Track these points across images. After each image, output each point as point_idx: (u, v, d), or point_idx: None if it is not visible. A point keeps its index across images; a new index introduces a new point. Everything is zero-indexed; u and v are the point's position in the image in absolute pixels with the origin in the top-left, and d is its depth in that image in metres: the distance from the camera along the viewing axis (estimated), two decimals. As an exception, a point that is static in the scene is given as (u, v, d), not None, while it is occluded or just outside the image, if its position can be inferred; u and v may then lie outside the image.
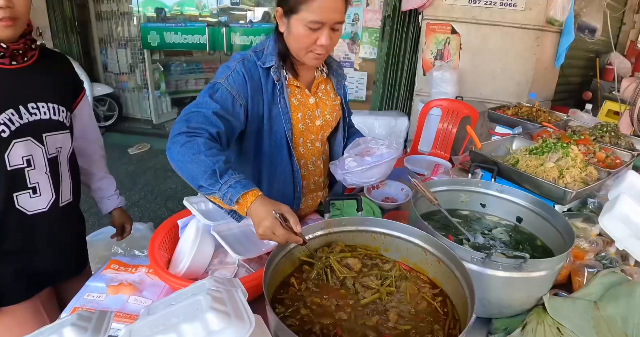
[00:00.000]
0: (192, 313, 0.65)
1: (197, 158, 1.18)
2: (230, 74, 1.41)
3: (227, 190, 1.13)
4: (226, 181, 1.14)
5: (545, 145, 1.70)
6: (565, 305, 1.32)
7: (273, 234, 1.09)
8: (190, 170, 1.18)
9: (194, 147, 1.20)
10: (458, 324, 1.06)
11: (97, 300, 1.33)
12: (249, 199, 1.14)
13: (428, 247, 1.21)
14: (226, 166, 1.17)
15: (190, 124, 1.27)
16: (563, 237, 1.40)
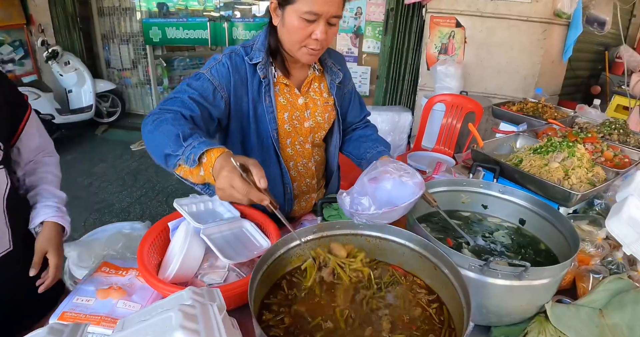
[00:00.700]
0: (161, 331, 0.61)
1: (163, 129, 1.13)
2: (215, 66, 1.36)
3: (190, 151, 1.05)
4: (190, 143, 1.07)
5: (550, 144, 1.64)
6: (569, 313, 1.27)
7: (232, 187, 0.95)
8: (156, 141, 1.12)
9: (162, 121, 1.16)
10: (454, 335, 1.01)
11: (86, 304, 1.30)
12: (213, 155, 1.03)
13: (424, 252, 1.16)
14: (191, 131, 1.11)
15: (164, 107, 1.23)
16: (568, 241, 1.34)
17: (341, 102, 1.65)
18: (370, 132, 1.71)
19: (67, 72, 5.79)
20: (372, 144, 1.60)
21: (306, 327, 1.02)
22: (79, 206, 4.07)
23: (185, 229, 1.31)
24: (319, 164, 1.67)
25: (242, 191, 0.95)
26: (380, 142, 1.62)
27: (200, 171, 1.06)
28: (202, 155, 1.04)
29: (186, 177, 1.15)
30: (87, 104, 5.92)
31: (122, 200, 4.19)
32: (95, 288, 1.35)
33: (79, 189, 4.40)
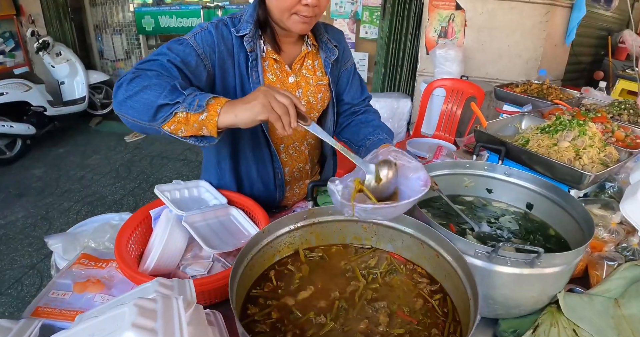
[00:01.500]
0: (110, 330, 0.51)
1: (148, 84, 1.03)
2: (200, 33, 1.23)
3: (194, 98, 0.99)
4: (191, 92, 1.01)
5: (560, 122, 1.53)
6: (582, 303, 1.18)
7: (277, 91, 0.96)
8: (143, 98, 1.02)
9: (143, 78, 1.05)
10: (459, 328, 0.91)
11: (62, 298, 1.23)
12: (221, 99, 1.00)
13: (425, 239, 1.06)
14: (186, 84, 1.05)
15: (141, 67, 1.12)
16: (580, 226, 1.24)
17: (337, 81, 1.52)
18: (371, 117, 1.57)
19: (59, 64, 5.66)
20: (372, 130, 1.47)
21: (295, 321, 0.92)
22: (71, 198, 3.98)
23: (166, 217, 1.21)
24: (313, 148, 1.56)
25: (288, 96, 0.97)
26: (382, 129, 1.48)
27: (202, 115, 0.99)
28: (210, 100, 1.00)
29: (176, 131, 1.05)
30: (80, 95, 5.79)
31: (115, 192, 4.10)
32: (72, 281, 1.27)
33: (72, 181, 4.31)
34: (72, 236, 1.92)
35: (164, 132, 1.05)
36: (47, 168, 4.61)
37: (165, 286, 0.66)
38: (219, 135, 1.03)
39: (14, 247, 3.25)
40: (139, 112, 1.03)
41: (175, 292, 0.65)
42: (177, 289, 0.66)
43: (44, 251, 3.17)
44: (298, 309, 0.95)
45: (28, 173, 4.47)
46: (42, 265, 3.06)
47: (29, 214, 3.73)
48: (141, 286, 0.70)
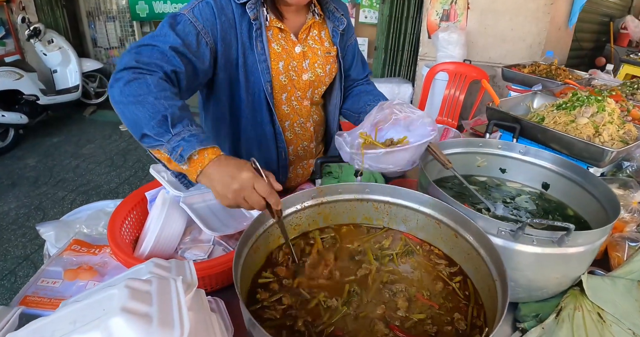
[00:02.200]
0: (94, 316, 0.44)
1: (143, 100, 0.93)
2: (197, 5, 1.14)
3: (179, 143, 0.89)
4: (179, 132, 0.90)
5: (577, 98, 1.45)
6: (604, 285, 1.12)
7: (252, 189, 0.85)
8: (134, 114, 0.93)
9: (142, 86, 0.95)
10: (482, 312, 0.84)
11: (52, 287, 1.17)
12: (207, 157, 0.89)
13: (443, 218, 0.98)
14: (182, 114, 0.93)
15: (141, 59, 1.02)
16: (602, 205, 1.18)
17: (344, 55, 1.44)
18: (371, 87, 1.51)
19: (51, 51, 5.52)
20: (373, 98, 1.40)
21: (306, 307, 0.85)
22: (65, 188, 3.89)
23: (162, 199, 1.13)
24: (318, 125, 1.48)
25: (265, 192, 0.86)
26: (382, 98, 1.42)
27: (183, 166, 0.91)
28: (194, 154, 0.89)
29: (161, 160, 0.98)
30: (73, 84, 5.66)
31: (110, 181, 4.01)
32: (62, 269, 1.21)
33: (66, 171, 4.21)
34: (65, 223, 1.83)
35: (149, 152, 0.99)
36: (41, 158, 4.51)
37: (162, 267, 0.58)
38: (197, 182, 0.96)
39: (7, 238, 3.17)
40: (128, 124, 0.97)
41: (173, 273, 0.58)
42: (175, 271, 0.59)
43: (38, 242, 3.09)
44: (308, 294, 0.87)
45: (21, 163, 4.37)
46: (35, 256, 2.98)
47: (22, 204, 3.64)
48: (134, 268, 0.62)
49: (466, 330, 0.81)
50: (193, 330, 0.49)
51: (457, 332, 0.81)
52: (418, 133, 1.00)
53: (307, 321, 0.80)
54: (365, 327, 0.81)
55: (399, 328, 0.80)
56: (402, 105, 1.03)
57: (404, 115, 1.01)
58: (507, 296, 0.71)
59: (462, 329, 0.81)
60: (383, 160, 0.93)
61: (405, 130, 1.01)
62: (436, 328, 0.81)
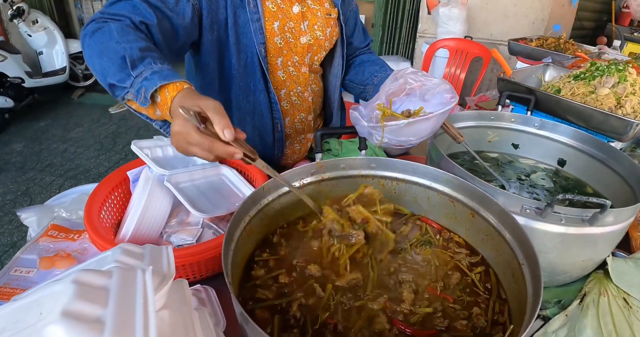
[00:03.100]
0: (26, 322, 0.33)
1: (105, 48, 0.84)
2: None
3: (141, 84, 0.79)
4: (140, 72, 0.80)
5: (596, 68, 1.34)
6: (628, 268, 1.03)
7: (189, 144, 0.72)
8: (99, 65, 0.84)
9: (104, 34, 0.86)
10: (506, 307, 0.74)
11: (25, 276, 1.07)
12: (168, 94, 0.77)
13: (458, 195, 0.88)
14: (143, 54, 0.82)
15: (108, 10, 0.92)
16: (626, 181, 1.08)
17: (346, 19, 1.32)
18: (374, 57, 1.40)
19: (36, 32, 5.31)
20: (379, 68, 1.29)
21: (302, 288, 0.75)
22: (53, 173, 3.76)
23: (145, 177, 1.01)
24: (317, 95, 1.36)
25: (204, 146, 0.71)
26: (388, 67, 1.31)
27: (157, 112, 0.81)
28: (155, 93, 0.78)
29: (139, 111, 0.88)
30: (60, 66, 5.47)
31: (99, 165, 3.88)
32: (38, 256, 1.10)
33: (54, 155, 4.07)
34: (47, 208, 1.71)
35: (128, 107, 0.88)
36: (28, 142, 4.35)
37: (131, 254, 0.47)
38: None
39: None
40: (97, 77, 0.87)
41: (145, 262, 0.47)
42: (149, 258, 0.48)
43: (25, 228, 2.97)
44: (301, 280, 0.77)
45: (7, 148, 4.22)
46: (22, 243, 2.87)
47: (9, 190, 3.51)
48: (101, 255, 0.51)
49: (485, 328, 0.71)
50: (167, 334, 0.39)
51: (474, 329, 0.71)
52: (435, 102, 0.90)
53: (302, 305, 0.71)
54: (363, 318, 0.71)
55: (402, 322, 0.70)
56: (417, 74, 0.92)
57: (419, 84, 0.91)
58: (540, 281, 0.62)
59: (481, 326, 0.71)
60: (404, 132, 0.84)
61: (420, 101, 0.91)
62: (447, 322, 0.71)
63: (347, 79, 1.38)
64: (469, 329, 0.70)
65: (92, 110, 5.16)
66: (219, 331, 0.61)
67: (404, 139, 0.85)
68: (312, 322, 0.69)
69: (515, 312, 0.72)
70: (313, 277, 0.78)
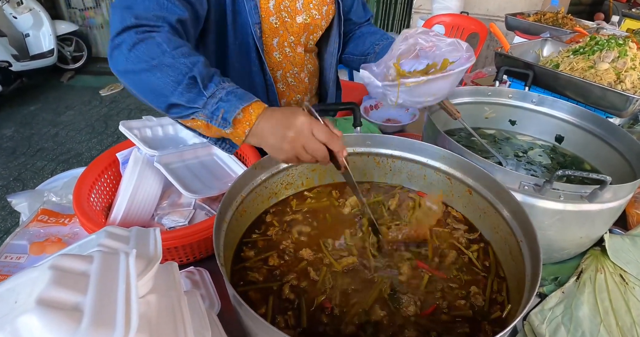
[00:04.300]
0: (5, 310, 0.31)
1: (159, 63, 0.76)
2: None
3: (217, 105, 0.74)
4: (214, 93, 0.74)
5: (596, 42, 1.31)
6: (625, 245, 1.03)
7: (311, 134, 0.71)
8: (152, 82, 0.77)
9: (151, 47, 0.78)
10: (505, 285, 0.73)
11: (16, 262, 1.05)
12: (253, 113, 0.74)
13: (455, 172, 0.86)
14: (209, 71, 0.77)
15: (137, 13, 0.82)
16: (625, 157, 1.07)
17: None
18: (374, 28, 1.34)
19: (21, 14, 5.17)
20: (380, 36, 1.24)
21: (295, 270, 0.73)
22: (45, 157, 3.71)
23: (135, 159, 0.99)
24: (312, 75, 1.32)
25: (325, 136, 0.71)
26: (389, 37, 1.25)
27: (227, 129, 0.75)
28: (238, 113, 0.74)
29: (196, 128, 0.82)
30: (47, 48, 5.34)
31: (92, 148, 3.83)
32: (28, 242, 1.08)
33: (45, 140, 4.01)
34: (38, 193, 1.68)
35: (179, 123, 0.83)
36: (18, 127, 4.28)
37: (116, 237, 0.45)
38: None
39: (-15, 210, 3.03)
40: (146, 95, 0.80)
41: (130, 245, 0.45)
42: (134, 241, 0.46)
43: (18, 214, 2.94)
44: (295, 260, 0.76)
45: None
46: (16, 229, 2.85)
47: (0, 176, 3.47)
48: (86, 238, 0.49)
49: (484, 307, 0.70)
50: (154, 319, 0.37)
51: (473, 308, 0.70)
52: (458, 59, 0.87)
53: (294, 288, 0.69)
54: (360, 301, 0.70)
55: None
56: (428, 34, 0.88)
57: (430, 45, 0.87)
58: (539, 259, 0.60)
59: (478, 305, 0.70)
60: (421, 91, 0.80)
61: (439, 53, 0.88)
62: (447, 303, 0.70)
63: (347, 53, 1.33)
64: (467, 308, 0.69)
65: (82, 93, 5.06)
66: (212, 314, 0.60)
67: (420, 99, 0.82)
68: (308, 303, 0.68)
69: (513, 289, 0.71)
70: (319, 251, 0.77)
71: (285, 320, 0.65)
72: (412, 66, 0.88)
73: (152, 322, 0.37)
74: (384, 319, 0.66)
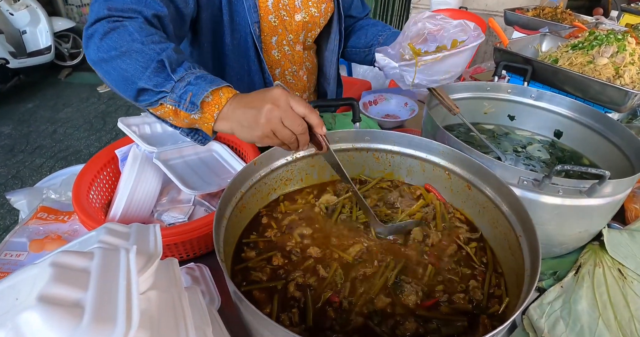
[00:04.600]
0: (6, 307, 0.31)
1: (128, 49, 0.76)
2: None
3: (185, 89, 0.73)
4: (183, 77, 0.74)
5: (595, 37, 1.31)
6: (623, 240, 1.03)
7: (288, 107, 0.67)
8: (121, 69, 0.76)
9: (122, 35, 0.78)
10: (502, 281, 0.74)
11: (16, 260, 1.06)
12: (222, 96, 0.73)
13: (454, 167, 0.86)
14: (179, 56, 0.76)
15: (113, 5, 0.82)
16: (624, 152, 1.07)
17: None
18: (373, 20, 1.33)
19: (18, 10, 5.14)
20: (381, 28, 1.24)
21: (300, 268, 0.73)
22: (43, 155, 3.70)
23: (133, 155, 0.99)
24: (311, 73, 1.31)
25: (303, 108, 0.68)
26: (390, 28, 1.26)
27: (195, 115, 0.74)
28: (207, 96, 0.72)
29: (164, 117, 0.80)
30: (44, 45, 5.32)
31: (90, 145, 3.82)
32: (28, 239, 1.09)
33: (43, 137, 4.00)
34: (37, 190, 1.69)
35: (150, 112, 0.81)
36: (16, 125, 4.26)
37: (116, 234, 0.45)
38: (214, 134, 0.78)
39: (-16, 209, 3.03)
40: (117, 84, 0.78)
41: (130, 241, 0.45)
42: (135, 238, 0.46)
43: (17, 212, 2.93)
44: (298, 258, 0.76)
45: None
46: (15, 227, 2.84)
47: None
48: (85, 235, 0.49)
49: (482, 301, 0.70)
50: (155, 315, 0.37)
51: (471, 302, 0.70)
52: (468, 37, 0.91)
53: (299, 285, 0.70)
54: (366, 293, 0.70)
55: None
56: (435, 18, 0.90)
57: (438, 28, 0.88)
58: (538, 254, 0.60)
59: (477, 299, 0.70)
60: (437, 68, 0.82)
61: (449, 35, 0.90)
62: (447, 296, 0.70)
63: (349, 46, 1.32)
64: (466, 302, 0.69)
65: (80, 89, 5.05)
66: (212, 310, 0.60)
67: (436, 78, 0.83)
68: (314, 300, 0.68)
69: (511, 284, 0.71)
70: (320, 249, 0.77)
71: (290, 317, 0.65)
72: (423, 50, 0.89)
73: (153, 319, 0.37)
74: (388, 308, 0.67)
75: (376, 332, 0.63)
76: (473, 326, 0.65)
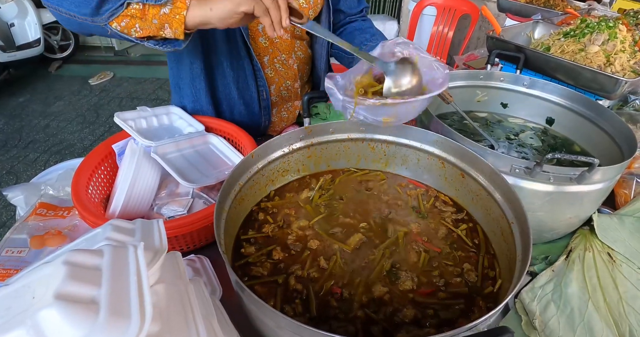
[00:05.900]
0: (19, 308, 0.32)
1: None
2: None
3: None
4: None
5: (586, 25, 1.32)
6: (613, 224, 1.06)
7: None
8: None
9: None
10: (495, 262, 0.76)
11: (17, 257, 1.06)
12: None
13: (448, 156, 0.88)
14: None
15: None
16: (614, 139, 1.09)
17: None
18: (367, 25, 1.34)
19: (5, 3, 5.06)
20: (370, 37, 1.24)
21: (296, 261, 0.75)
22: (37, 149, 3.68)
23: (131, 150, 1.00)
24: (302, 63, 1.32)
25: None
26: (380, 36, 1.26)
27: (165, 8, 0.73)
28: None
29: (129, 28, 0.79)
30: (33, 38, 5.24)
31: (84, 138, 3.80)
32: (28, 236, 1.09)
33: (36, 131, 3.97)
34: (34, 186, 1.69)
35: (111, 30, 0.78)
36: (7, 119, 4.23)
37: (122, 230, 0.46)
38: (186, 37, 0.78)
39: (-21, 205, 3.02)
40: (73, 9, 0.77)
41: (137, 237, 0.46)
42: (140, 234, 0.47)
43: (13, 208, 2.93)
44: (299, 249, 0.78)
45: (-14, 126, 4.11)
46: (11, 222, 2.84)
47: (-8, 169, 3.45)
48: (91, 233, 0.50)
49: (477, 282, 0.73)
50: (164, 308, 0.39)
51: (467, 284, 0.73)
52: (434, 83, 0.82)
53: (300, 277, 0.71)
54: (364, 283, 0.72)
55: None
56: (408, 45, 0.84)
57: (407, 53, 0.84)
58: (529, 239, 0.63)
59: (472, 281, 0.73)
60: (382, 111, 0.76)
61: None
62: (444, 281, 0.73)
63: (335, 48, 1.33)
64: (463, 285, 0.72)
65: (71, 82, 5.00)
66: (215, 300, 0.62)
67: (380, 119, 0.78)
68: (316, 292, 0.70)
69: (504, 268, 0.74)
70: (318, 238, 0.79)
71: (293, 308, 0.66)
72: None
73: (162, 311, 0.39)
74: (385, 296, 0.69)
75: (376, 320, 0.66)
76: (468, 309, 0.68)
